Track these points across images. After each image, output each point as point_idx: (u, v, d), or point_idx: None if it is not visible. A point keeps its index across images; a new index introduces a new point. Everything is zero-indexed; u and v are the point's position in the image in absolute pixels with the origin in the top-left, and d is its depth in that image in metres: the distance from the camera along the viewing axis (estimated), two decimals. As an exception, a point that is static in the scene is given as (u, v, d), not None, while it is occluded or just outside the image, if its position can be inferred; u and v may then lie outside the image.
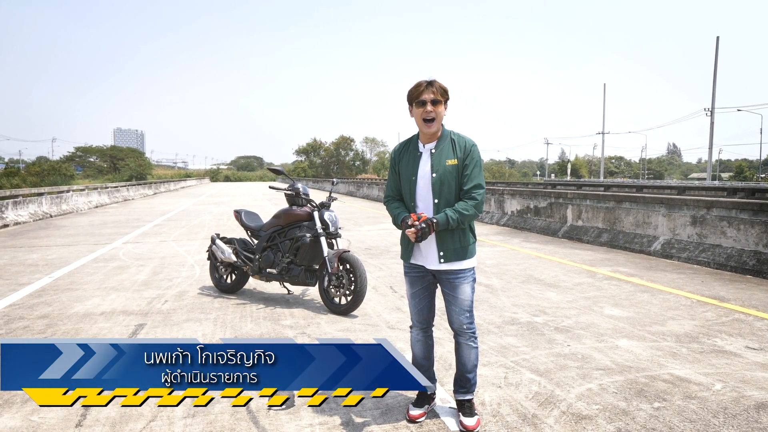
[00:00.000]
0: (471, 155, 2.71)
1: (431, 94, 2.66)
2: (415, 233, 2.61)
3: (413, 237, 2.62)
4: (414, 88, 2.72)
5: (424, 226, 2.61)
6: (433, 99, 2.66)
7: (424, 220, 2.64)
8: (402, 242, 2.89)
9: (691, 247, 7.79)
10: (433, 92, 2.67)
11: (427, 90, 2.68)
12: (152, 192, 33.84)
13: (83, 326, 4.61)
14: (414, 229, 2.61)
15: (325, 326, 4.61)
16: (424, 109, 2.67)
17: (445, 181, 2.70)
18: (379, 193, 25.72)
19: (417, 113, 2.72)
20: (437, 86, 2.69)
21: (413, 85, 2.73)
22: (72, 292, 5.91)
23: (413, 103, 2.72)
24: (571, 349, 3.95)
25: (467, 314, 2.79)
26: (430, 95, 2.66)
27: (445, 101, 2.72)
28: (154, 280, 6.54)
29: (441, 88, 2.70)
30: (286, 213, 5.47)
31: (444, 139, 2.76)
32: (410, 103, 2.75)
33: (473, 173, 2.70)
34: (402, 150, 2.88)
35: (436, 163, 2.72)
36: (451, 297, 2.78)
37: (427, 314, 2.92)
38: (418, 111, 2.71)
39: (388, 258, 8.18)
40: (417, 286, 2.88)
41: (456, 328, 2.82)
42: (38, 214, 15.59)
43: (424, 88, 2.68)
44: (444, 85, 2.72)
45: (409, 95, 2.74)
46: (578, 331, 4.39)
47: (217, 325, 4.66)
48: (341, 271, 5.00)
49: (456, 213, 2.64)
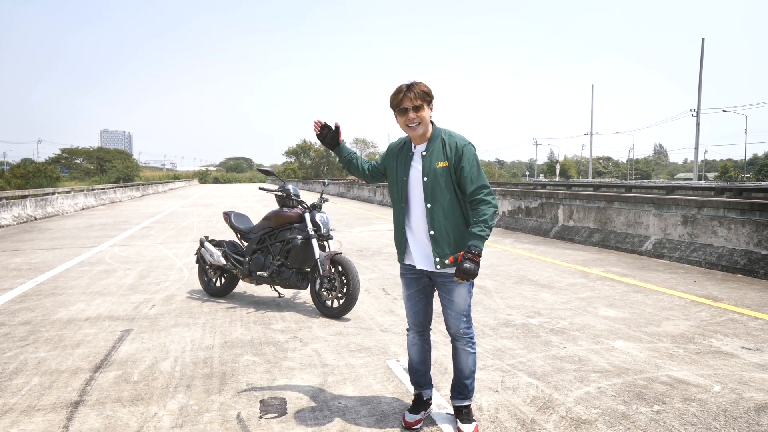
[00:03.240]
0: (464, 156, 2.61)
1: (411, 101, 2.55)
2: (463, 278, 2.49)
3: (460, 279, 2.50)
4: (394, 96, 2.61)
5: (468, 265, 2.46)
6: (414, 105, 2.56)
7: (466, 258, 2.49)
8: (397, 243, 2.81)
9: (682, 247, 7.80)
10: (412, 98, 2.55)
11: (406, 97, 2.56)
12: (140, 194, 33.44)
13: (67, 333, 4.47)
14: (461, 274, 2.47)
15: (317, 330, 4.51)
16: (407, 117, 2.58)
17: (437, 185, 2.60)
18: (369, 194, 25.63)
19: (400, 121, 2.63)
20: (417, 91, 2.56)
21: (393, 92, 2.61)
22: (56, 297, 5.76)
23: (395, 110, 2.64)
24: (567, 351, 3.90)
25: (464, 319, 2.71)
26: (411, 102, 2.56)
27: (428, 103, 2.61)
28: (141, 284, 6.40)
29: (422, 91, 2.57)
30: (277, 215, 5.37)
31: (434, 140, 2.67)
32: (393, 109, 2.67)
33: (472, 174, 2.60)
34: (397, 148, 2.80)
35: (426, 165, 2.63)
36: (448, 301, 2.70)
37: (423, 317, 2.84)
38: (400, 119, 2.63)
39: (380, 259, 8.10)
40: (413, 288, 2.80)
41: (453, 332, 2.74)
42: (22, 217, 15.30)
43: (404, 95, 2.56)
44: (425, 87, 2.59)
45: (390, 102, 2.64)
46: (574, 333, 4.34)
47: (206, 330, 4.55)
48: (333, 274, 4.91)
49: (482, 226, 2.53)
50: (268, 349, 4.04)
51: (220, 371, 3.58)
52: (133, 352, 3.98)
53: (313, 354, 3.92)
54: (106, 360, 3.81)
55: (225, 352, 3.96)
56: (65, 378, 3.48)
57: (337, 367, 3.66)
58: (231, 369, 3.62)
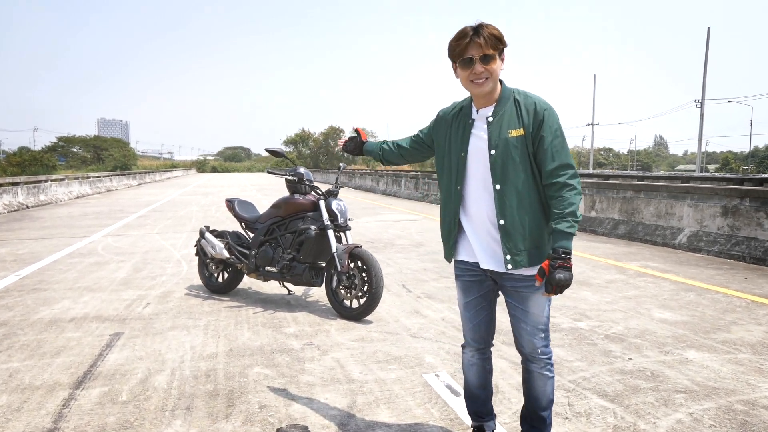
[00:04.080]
0: (546, 122, 1.98)
1: (479, 49, 1.93)
2: (556, 291, 1.92)
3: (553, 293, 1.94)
4: (455, 41, 1.97)
5: (561, 275, 1.89)
6: (484, 55, 1.93)
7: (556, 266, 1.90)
8: (445, 236, 2.20)
9: (722, 240, 7.21)
10: (481, 45, 1.92)
11: (472, 43, 1.93)
12: (137, 182, 32.74)
13: (47, 337, 3.87)
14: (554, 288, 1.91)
15: (336, 335, 3.92)
16: (473, 70, 1.96)
17: (509, 160, 1.99)
18: (372, 184, 24.98)
19: (462, 75, 2.01)
20: (487, 35, 1.92)
21: (454, 36, 1.98)
22: (39, 293, 5.15)
23: (456, 61, 2.01)
24: (635, 364, 3.31)
25: (542, 335, 2.11)
26: (479, 50, 1.93)
27: (500, 53, 1.98)
28: (136, 279, 5.80)
29: (493, 36, 1.93)
30: (287, 202, 4.76)
31: (505, 101, 2.04)
32: (453, 60, 2.05)
33: (555, 147, 1.98)
34: (451, 114, 2.18)
35: (494, 134, 2.01)
36: (521, 311, 2.10)
37: (485, 330, 2.24)
38: (463, 73, 2.00)
39: (394, 252, 7.50)
40: (473, 294, 2.19)
41: (527, 352, 2.14)
42: (13, 205, 14.66)
43: (470, 40, 1.93)
44: (496, 30, 1.95)
45: (450, 50, 2.01)
46: (633, 340, 3.76)
47: (208, 333, 3.95)
48: (353, 270, 4.30)
49: (570, 221, 1.94)
50: (281, 358, 3.45)
51: (226, 388, 2.99)
52: (123, 362, 3.39)
53: (335, 365, 3.33)
54: (90, 372, 3.21)
55: (231, 363, 3.36)
56: (39, 397, 2.88)
57: (366, 383, 3.07)
58: (239, 385, 3.03)
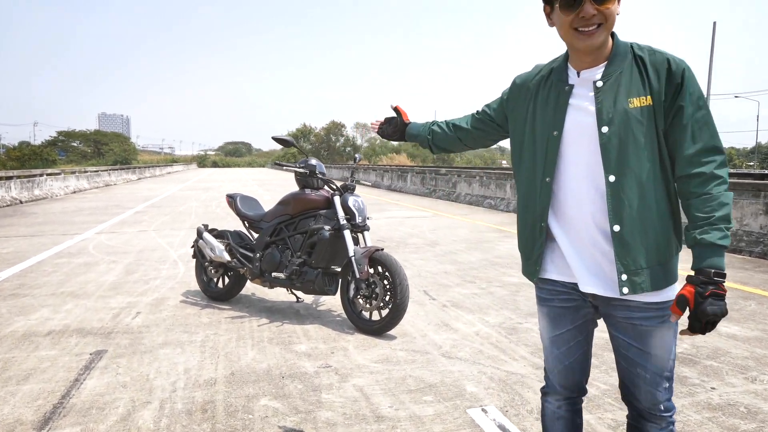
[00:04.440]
0: (686, 86, 1.39)
1: None
2: (706, 328, 1.37)
3: (698, 333, 1.39)
4: None
5: (713, 308, 1.34)
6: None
7: (707, 293, 1.35)
8: (522, 245, 1.62)
9: (766, 240, 6.62)
10: None
11: None
12: (136, 177, 32.14)
13: (17, 356, 3.30)
14: (703, 324, 1.36)
15: (355, 354, 3.34)
16: (579, 13, 1.36)
17: (629, 141, 1.39)
18: (377, 179, 24.38)
19: (563, 21, 1.40)
20: None
21: None
22: (17, 300, 4.58)
23: (555, 2, 1.41)
24: (720, 396, 2.73)
25: (666, 384, 1.52)
26: None
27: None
28: (126, 282, 5.22)
29: None
30: (297, 198, 4.17)
31: (621, 59, 1.44)
32: (548, 2, 1.46)
33: (697, 122, 1.39)
34: (534, 80, 1.58)
35: (607, 105, 1.41)
36: (638, 353, 1.51)
37: (579, 374, 1.66)
38: (566, 17, 1.40)
39: (409, 252, 6.91)
40: (564, 325, 1.60)
41: (645, 407, 1.55)
42: (6, 200, 14.08)
43: None
44: None
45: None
46: (707, 363, 3.18)
47: (206, 351, 3.38)
48: (373, 276, 3.73)
49: (722, 228, 1.36)
50: (292, 386, 2.87)
51: (227, 429, 2.42)
52: (103, 390, 2.81)
53: (359, 396, 2.75)
54: (61, 405, 2.64)
55: (232, 393, 2.79)
56: (-7, 441, 2.32)
57: (399, 421, 2.49)
58: (243, 425, 2.45)
